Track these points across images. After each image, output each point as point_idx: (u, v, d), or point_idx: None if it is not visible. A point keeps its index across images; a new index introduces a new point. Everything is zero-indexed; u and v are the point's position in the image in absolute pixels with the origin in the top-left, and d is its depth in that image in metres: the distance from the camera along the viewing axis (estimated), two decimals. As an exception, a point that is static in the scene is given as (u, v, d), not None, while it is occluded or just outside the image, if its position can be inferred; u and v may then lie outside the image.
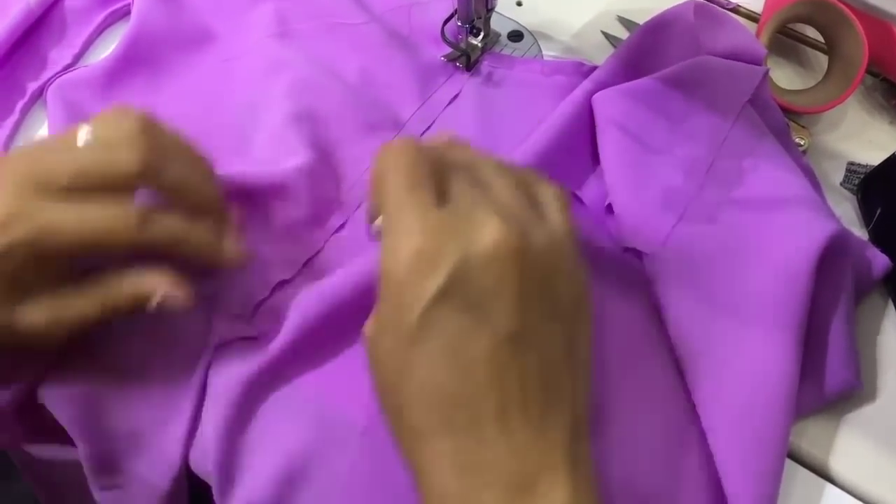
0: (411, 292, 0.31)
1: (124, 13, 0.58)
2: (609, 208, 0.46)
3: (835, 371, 0.42)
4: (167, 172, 0.39)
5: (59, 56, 0.54)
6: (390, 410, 0.33)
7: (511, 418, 0.31)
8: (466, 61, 0.53)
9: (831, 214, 0.46)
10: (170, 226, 0.39)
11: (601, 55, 0.55)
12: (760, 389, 0.40)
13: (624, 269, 0.45)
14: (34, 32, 0.55)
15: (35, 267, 0.38)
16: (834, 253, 0.42)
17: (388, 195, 0.33)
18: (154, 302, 0.39)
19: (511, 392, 0.31)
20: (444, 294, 0.31)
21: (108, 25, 0.58)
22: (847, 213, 0.50)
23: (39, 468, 0.53)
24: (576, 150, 0.48)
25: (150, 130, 0.39)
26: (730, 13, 0.54)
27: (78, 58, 0.55)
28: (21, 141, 0.52)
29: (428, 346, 0.31)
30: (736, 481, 0.38)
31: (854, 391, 0.43)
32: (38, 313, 0.38)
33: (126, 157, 0.38)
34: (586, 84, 0.50)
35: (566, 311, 0.33)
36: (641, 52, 0.51)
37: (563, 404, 0.32)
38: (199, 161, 0.42)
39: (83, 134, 0.38)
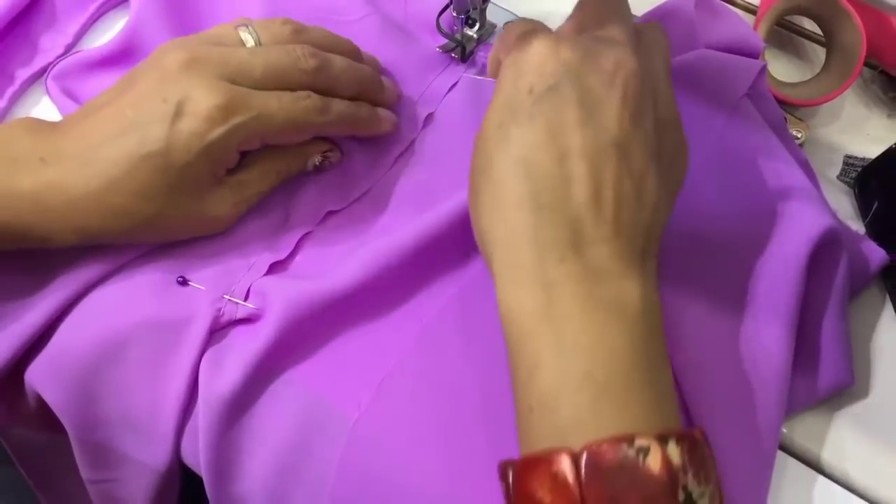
0: (533, 79, 0.36)
1: (117, 2, 0.57)
2: None
3: (827, 367, 0.42)
4: (333, 66, 0.46)
5: (50, 44, 0.54)
6: (480, 188, 0.37)
7: (596, 209, 0.34)
8: (462, 52, 0.53)
9: (827, 208, 0.45)
10: (343, 110, 0.46)
11: (598, 46, 0.55)
12: (752, 382, 0.40)
13: None
14: (24, 19, 0.54)
15: (236, 151, 0.43)
16: (827, 248, 0.42)
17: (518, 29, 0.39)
18: (316, 160, 0.47)
19: (602, 186, 0.34)
20: (560, 86, 0.35)
21: (102, 14, 0.57)
22: (844, 207, 0.50)
23: (28, 453, 0.53)
24: None
25: (305, 33, 0.47)
26: (728, 5, 0.54)
27: (70, 47, 0.54)
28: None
29: (535, 125, 0.35)
30: (726, 473, 0.38)
31: (847, 387, 0.43)
32: (227, 196, 0.44)
33: (302, 54, 0.44)
34: None
35: (667, 145, 0.37)
36: None
37: (644, 217, 0.35)
38: (346, 44, 0.49)
39: (247, 35, 0.45)
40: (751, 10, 0.58)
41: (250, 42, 0.45)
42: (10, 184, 0.40)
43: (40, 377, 0.44)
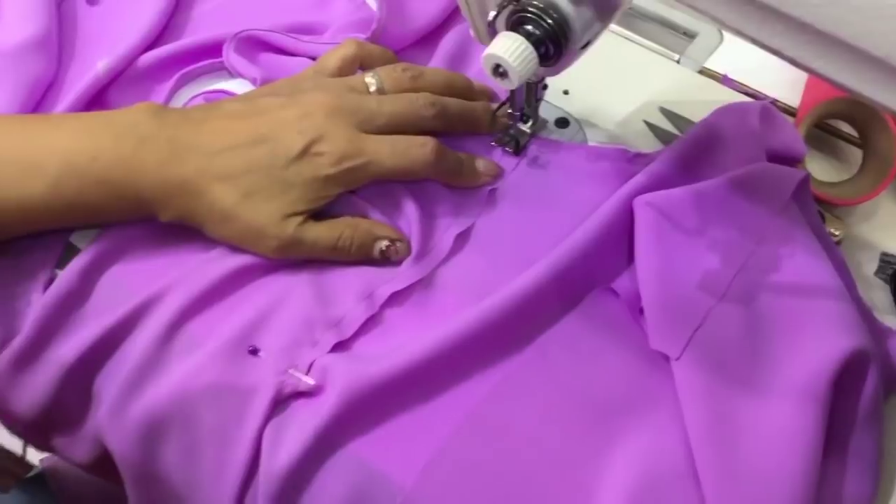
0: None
1: (197, 74, 0.61)
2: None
3: (853, 483, 0.43)
4: (448, 112, 0.53)
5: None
6: None
7: None
8: (515, 146, 0.56)
9: (856, 318, 0.47)
10: (455, 155, 0.53)
11: (644, 143, 0.58)
12: (776, 489, 0.41)
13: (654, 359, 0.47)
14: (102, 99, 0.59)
15: (339, 189, 0.50)
16: (857, 366, 0.44)
17: None
18: (381, 247, 0.50)
19: None
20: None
21: (180, 87, 0.61)
22: (880, 302, 0.52)
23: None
24: (620, 241, 0.51)
25: (422, 77, 0.54)
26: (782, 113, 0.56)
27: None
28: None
29: None
30: None
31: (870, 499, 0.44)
32: (288, 228, 0.48)
33: (423, 104, 0.52)
34: (640, 178, 0.51)
35: None
36: (699, 147, 0.54)
37: None
38: (460, 81, 0.57)
39: (372, 81, 0.53)
40: (789, 113, 0.60)
41: (373, 87, 0.53)
42: (138, 158, 0.47)
43: (108, 424, 0.47)
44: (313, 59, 0.58)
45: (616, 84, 0.61)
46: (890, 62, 0.29)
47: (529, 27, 0.41)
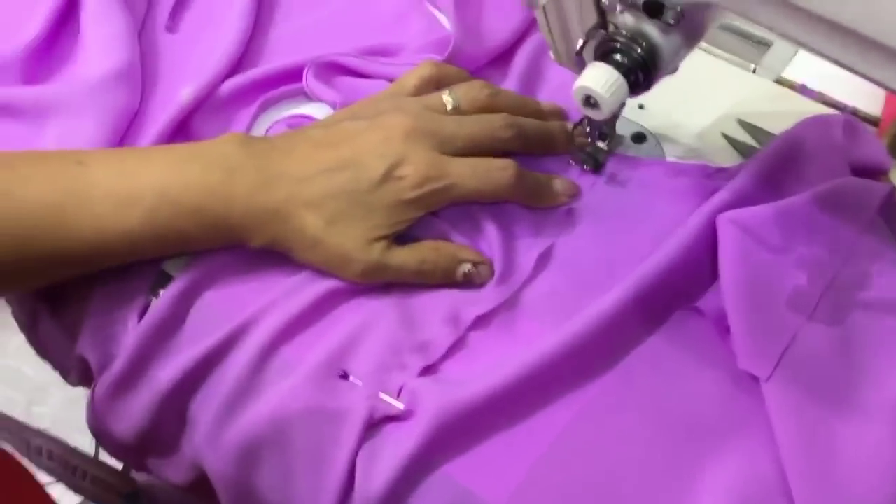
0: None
1: (278, 99, 0.62)
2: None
3: None
4: (526, 133, 0.54)
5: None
6: None
7: None
8: (594, 164, 0.56)
9: None
10: (530, 185, 0.53)
11: (724, 157, 0.58)
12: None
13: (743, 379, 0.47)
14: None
15: (422, 211, 0.51)
16: None
17: None
18: (464, 270, 0.51)
19: None
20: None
21: (262, 113, 0.62)
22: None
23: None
24: (704, 260, 0.50)
25: (499, 96, 0.55)
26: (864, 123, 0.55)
27: None
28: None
29: None
30: None
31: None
32: (373, 252, 0.49)
33: (501, 125, 0.53)
34: (722, 194, 0.51)
35: None
36: (782, 161, 0.53)
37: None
38: (532, 104, 0.58)
39: (449, 100, 0.54)
40: (872, 122, 0.60)
41: (450, 105, 0.54)
42: (229, 187, 0.48)
43: (205, 448, 0.49)
44: (390, 80, 0.59)
45: (692, 97, 0.61)
46: None
47: (618, 56, 0.41)
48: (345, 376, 0.48)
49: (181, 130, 0.59)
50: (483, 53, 0.61)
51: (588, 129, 0.55)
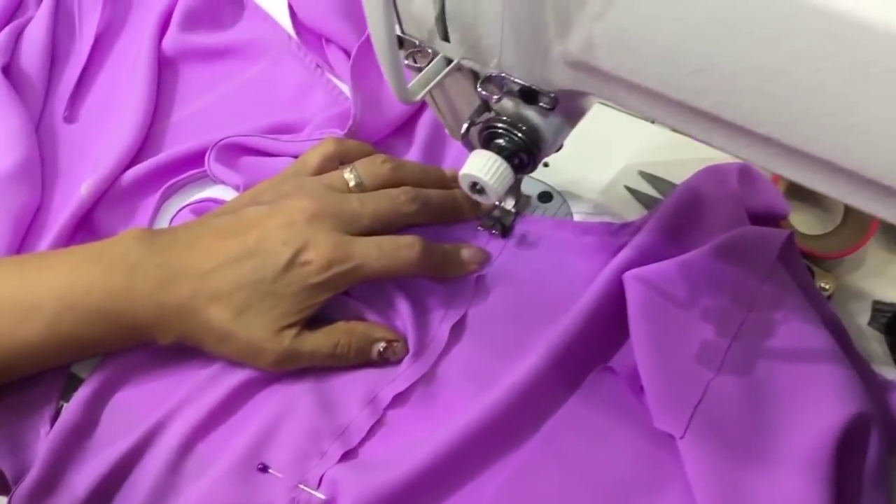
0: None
1: (181, 185, 0.62)
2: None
3: None
4: (430, 204, 0.54)
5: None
6: None
7: None
8: (502, 228, 0.57)
9: (855, 383, 0.47)
10: (440, 259, 0.53)
11: (628, 209, 0.59)
12: None
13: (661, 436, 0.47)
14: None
15: (330, 293, 0.50)
16: (860, 430, 0.44)
17: None
18: (379, 349, 0.51)
19: None
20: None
21: (165, 200, 0.61)
22: (875, 353, 0.52)
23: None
24: (614, 318, 0.51)
25: (400, 168, 0.55)
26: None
27: None
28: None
29: None
30: None
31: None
32: (284, 340, 0.49)
33: (404, 200, 0.53)
34: (626, 252, 0.52)
35: None
36: (681, 214, 0.54)
37: None
38: (435, 172, 0.58)
39: (350, 177, 0.54)
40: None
41: (352, 182, 0.54)
42: (131, 287, 0.47)
43: None
44: (295, 157, 0.59)
45: (594, 151, 0.62)
46: (861, 174, 0.30)
47: (501, 141, 0.42)
48: (264, 469, 0.47)
49: (84, 225, 0.58)
50: (384, 124, 0.61)
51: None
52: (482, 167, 0.42)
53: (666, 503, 0.46)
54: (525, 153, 0.42)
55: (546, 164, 0.62)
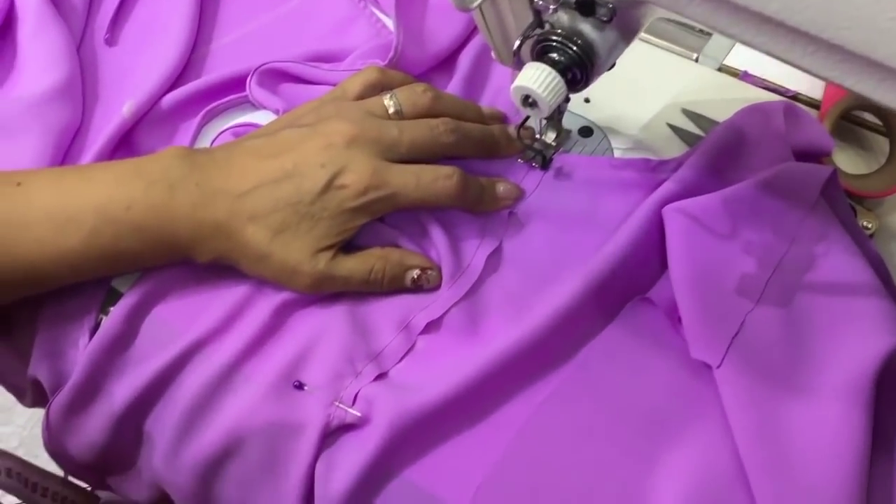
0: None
1: (222, 109, 0.62)
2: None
3: None
4: (469, 137, 0.54)
5: None
6: None
7: None
8: (542, 161, 0.56)
9: (895, 315, 0.47)
10: (478, 183, 0.53)
11: (669, 146, 0.58)
12: (828, 491, 0.41)
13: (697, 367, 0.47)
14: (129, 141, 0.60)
15: (366, 219, 0.50)
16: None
17: None
18: (412, 276, 0.51)
19: None
20: None
21: (206, 123, 0.61)
22: (918, 293, 0.52)
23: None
24: (653, 251, 0.51)
25: (441, 100, 0.54)
26: (801, 105, 0.56)
27: None
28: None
29: None
30: None
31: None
32: (347, 264, 0.50)
33: (443, 131, 0.52)
34: (668, 185, 0.52)
35: None
36: (725, 150, 0.54)
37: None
38: (474, 108, 0.57)
39: (390, 104, 0.53)
40: (813, 105, 0.60)
41: (392, 109, 0.53)
42: (171, 204, 0.48)
43: (164, 468, 0.48)
44: (335, 85, 0.59)
45: (636, 88, 0.61)
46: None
47: (555, 55, 0.41)
48: (300, 387, 0.48)
49: (124, 144, 0.59)
50: (426, 58, 0.61)
51: (536, 126, 0.56)
52: (535, 79, 0.41)
53: (699, 434, 0.46)
54: (578, 68, 0.42)
55: (587, 100, 0.61)
